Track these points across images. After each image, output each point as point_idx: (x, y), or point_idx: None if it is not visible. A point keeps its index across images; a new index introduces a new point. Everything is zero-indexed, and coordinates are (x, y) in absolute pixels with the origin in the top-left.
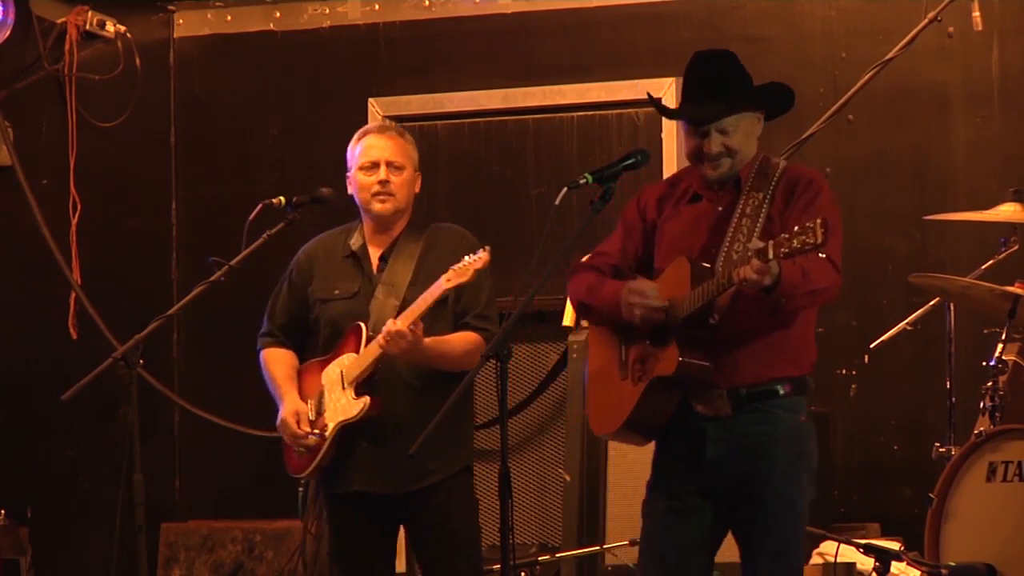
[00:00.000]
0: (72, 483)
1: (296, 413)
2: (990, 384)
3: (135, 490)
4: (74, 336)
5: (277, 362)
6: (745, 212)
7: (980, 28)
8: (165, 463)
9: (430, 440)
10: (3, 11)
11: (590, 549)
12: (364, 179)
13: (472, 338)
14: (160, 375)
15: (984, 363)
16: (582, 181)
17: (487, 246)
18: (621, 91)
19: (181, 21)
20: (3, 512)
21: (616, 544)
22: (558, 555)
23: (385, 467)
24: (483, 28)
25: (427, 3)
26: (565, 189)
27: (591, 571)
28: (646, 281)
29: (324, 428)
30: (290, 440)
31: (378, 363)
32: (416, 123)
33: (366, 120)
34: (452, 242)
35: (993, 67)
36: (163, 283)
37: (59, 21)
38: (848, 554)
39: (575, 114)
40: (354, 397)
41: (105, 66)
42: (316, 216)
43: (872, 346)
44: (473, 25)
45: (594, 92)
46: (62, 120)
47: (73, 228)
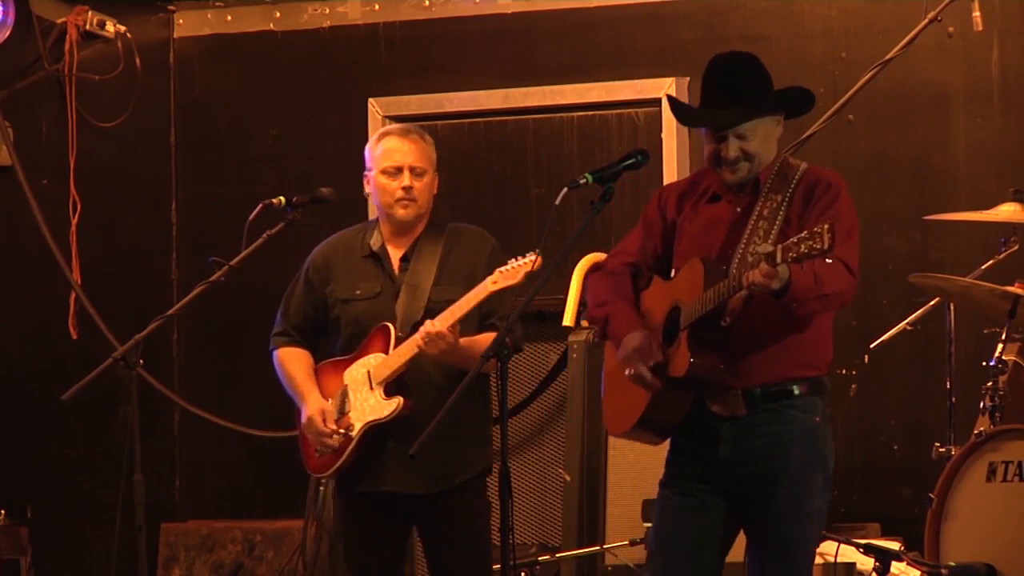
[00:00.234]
0: (72, 483)
1: (322, 411)
2: (990, 384)
3: (135, 490)
4: (74, 336)
5: (294, 362)
6: (763, 214)
7: (980, 28)
8: (165, 463)
9: (456, 441)
10: (3, 11)
11: (590, 549)
12: (387, 183)
13: None
14: (160, 375)
15: (984, 363)
16: (582, 181)
17: (536, 250)
18: (621, 91)
19: (181, 21)
20: (3, 512)
21: (616, 544)
22: (558, 555)
23: (414, 467)
24: (483, 28)
25: (427, 3)
26: (565, 189)
27: (591, 571)
28: (644, 336)
29: (350, 428)
30: (315, 439)
31: (410, 363)
32: (416, 123)
33: (366, 120)
34: (474, 243)
35: (993, 67)
36: (163, 283)
37: (59, 21)
38: (848, 554)
39: (575, 114)
40: (384, 397)
41: (105, 66)
42: (316, 216)
43: (872, 346)
44: (473, 25)
45: (594, 92)
46: (62, 120)
47: (73, 228)
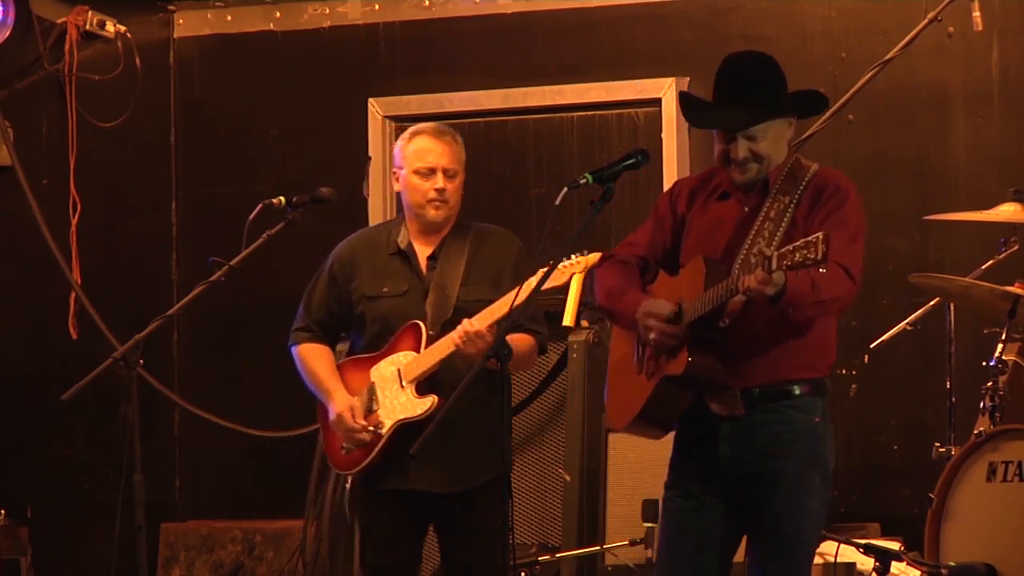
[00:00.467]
0: (72, 483)
1: (351, 408)
2: (990, 384)
3: (135, 490)
4: (74, 336)
5: (318, 358)
6: (769, 216)
7: (980, 28)
8: (165, 463)
9: (482, 439)
10: (3, 11)
11: (590, 549)
12: (419, 184)
13: (528, 340)
14: (160, 375)
15: (984, 363)
16: (582, 181)
17: (585, 250)
18: (621, 91)
19: (181, 21)
20: (3, 512)
21: (616, 544)
22: (558, 555)
23: (443, 465)
24: (483, 28)
25: (427, 3)
26: (565, 189)
27: (591, 571)
28: (658, 302)
29: (379, 425)
30: (345, 435)
31: (443, 362)
32: (416, 123)
33: (366, 120)
34: (501, 245)
35: (993, 67)
36: (163, 283)
37: (59, 21)
38: (848, 554)
39: (575, 114)
40: (415, 395)
41: (105, 66)
42: (316, 216)
43: (872, 346)
44: (473, 25)
45: (594, 92)
46: (62, 120)
47: (73, 228)
